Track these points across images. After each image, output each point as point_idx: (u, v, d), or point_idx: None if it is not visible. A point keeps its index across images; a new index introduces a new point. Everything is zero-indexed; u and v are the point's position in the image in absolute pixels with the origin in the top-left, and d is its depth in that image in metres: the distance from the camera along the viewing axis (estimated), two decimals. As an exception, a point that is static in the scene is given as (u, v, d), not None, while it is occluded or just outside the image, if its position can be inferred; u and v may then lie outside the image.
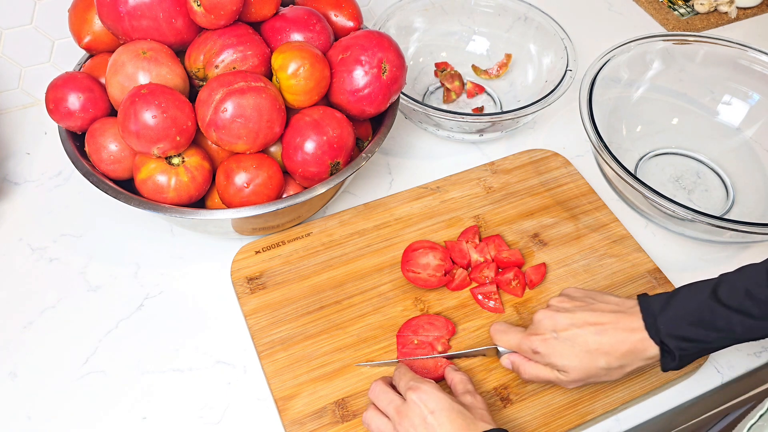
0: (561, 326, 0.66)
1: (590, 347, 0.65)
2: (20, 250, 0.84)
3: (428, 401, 0.62)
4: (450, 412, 0.62)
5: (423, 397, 0.63)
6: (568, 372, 0.66)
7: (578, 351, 0.65)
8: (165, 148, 0.72)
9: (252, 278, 0.80)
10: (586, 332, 0.65)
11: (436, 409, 0.62)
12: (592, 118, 0.86)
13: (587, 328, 0.65)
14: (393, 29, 1.01)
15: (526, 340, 0.68)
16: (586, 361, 0.65)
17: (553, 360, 0.66)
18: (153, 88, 0.71)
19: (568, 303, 0.69)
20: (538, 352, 0.67)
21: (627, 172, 0.81)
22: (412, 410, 0.63)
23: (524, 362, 0.69)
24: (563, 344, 0.66)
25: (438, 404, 0.62)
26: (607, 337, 0.65)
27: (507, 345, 0.70)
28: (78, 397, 0.72)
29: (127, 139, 0.72)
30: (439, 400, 0.63)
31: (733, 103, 0.98)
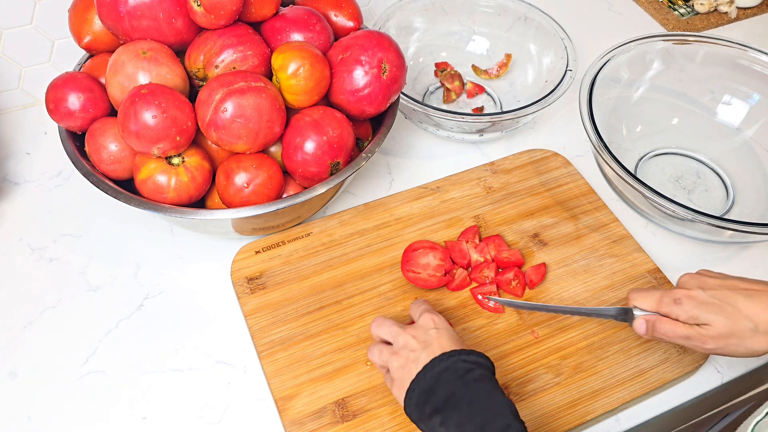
0: (710, 286, 0.65)
1: (739, 307, 0.63)
2: (20, 250, 0.84)
3: (439, 321, 0.67)
4: (452, 334, 0.66)
5: (435, 318, 0.67)
6: (711, 326, 0.63)
7: (725, 307, 0.63)
8: (165, 148, 0.72)
9: (252, 278, 0.80)
10: (736, 294, 0.63)
11: (442, 326, 0.66)
12: (592, 118, 0.86)
13: (738, 291, 0.64)
14: (393, 29, 1.01)
15: (668, 294, 0.66)
16: (733, 318, 0.63)
17: (696, 312, 0.64)
18: (153, 88, 0.71)
19: (717, 274, 0.67)
20: (680, 303, 0.65)
21: (627, 172, 0.81)
22: (421, 323, 0.67)
23: (661, 319, 0.66)
24: (710, 299, 0.64)
25: (444, 325, 0.67)
26: (759, 300, 0.62)
27: (646, 304, 0.68)
28: (78, 397, 0.72)
29: (127, 139, 0.72)
30: (447, 326, 0.67)
31: (733, 103, 0.98)
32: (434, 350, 0.63)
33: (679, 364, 0.75)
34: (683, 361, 0.75)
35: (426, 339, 0.64)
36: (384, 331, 0.69)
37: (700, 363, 0.75)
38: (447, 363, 0.61)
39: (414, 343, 0.65)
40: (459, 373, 0.61)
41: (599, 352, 0.75)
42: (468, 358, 0.62)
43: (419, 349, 0.64)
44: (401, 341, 0.66)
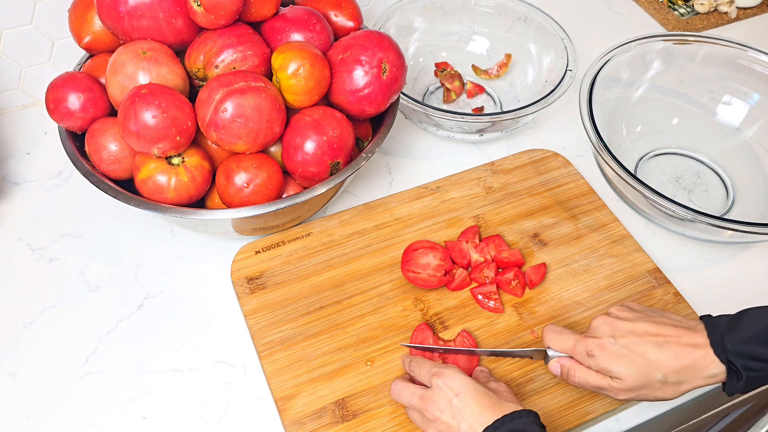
0: (620, 333, 0.65)
1: (649, 358, 0.63)
2: (20, 250, 0.84)
3: (453, 384, 0.62)
4: (476, 393, 0.62)
5: (447, 381, 0.63)
6: (622, 380, 0.64)
7: (636, 359, 0.63)
8: (165, 148, 0.72)
9: (252, 278, 0.80)
10: (646, 342, 0.63)
11: (461, 390, 0.62)
12: (592, 118, 0.86)
13: (648, 339, 0.64)
14: (393, 29, 1.01)
15: (582, 342, 0.66)
16: (643, 370, 0.63)
17: (607, 365, 0.64)
18: (153, 88, 0.71)
19: (629, 313, 0.67)
20: (593, 355, 0.65)
21: (627, 172, 0.81)
22: (438, 394, 0.63)
23: (576, 366, 0.67)
24: (621, 351, 0.64)
25: (463, 386, 0.62)
26: (668, 351, 0.63)
27: (560, 347, 0.68)
28: (78, 397, 0.72)
29: (127, 139, 0.72)
30: (463, 382, 0.62)
31: (733, 103, 0.98)
32: (471, 425, 0.60)
33: (679, 364, 0.74)
34: (683, 361, 0.75)
35: (455, 413, 0.61)
36: (405, 402, 0.66)
37: (700, 363, 0.75)
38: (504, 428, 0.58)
39: (444, 418, 0.61)
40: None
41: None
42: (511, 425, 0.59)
43: (455, 426, 0.61)
44: (430, 417, 0.63)
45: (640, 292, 0.80)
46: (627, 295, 0.80)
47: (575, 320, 0.78)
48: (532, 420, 0.60)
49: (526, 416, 0.60)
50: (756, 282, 0.84)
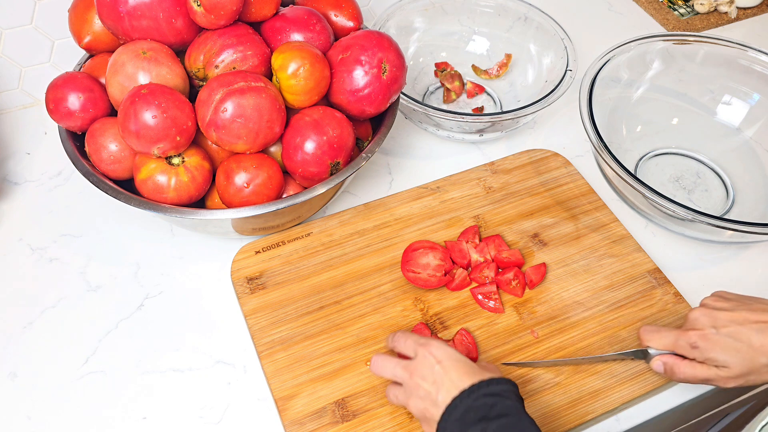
0: (721, 323, 0.65)
1: (753, 343, 0.64)
2: (20, 250, 0.84)
3: (437, 353, 0.64)
4: (457, 361, 0.63)
5: (432, 350, 0.64)
6: (729, 368, 0.64)
7: (740, 347, 0.64)
8: (165, 148, 0.72)
9: (252, 278, 0.80)
10: (749, 330, 0.64)
11: (444, 358, 0.63)
12: (592, 118, 0.86)
13: (749, 325, 0.64)
14: (393, 29, 1.01)
15: (683, 336, 0.67)
16: (748, 357, 0.64)
17: (713, 355, 0.65)
18: (153, 88, 0.71)
19: (725, 302, 0.68)
20: (696, 347, 0.65)
21: (627, 172, 0.81)
22: (421, 362, 0.64)
23: (679, 362, 0.68)
24: (724, 339, 0.65)
25: (445, 354, 0.63)
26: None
27: (660, 345, 0.69)
28: (78, 397, 0.72)
29: (127, 139, 0.72)
30: (447, 351, 0.64)
31: (733, 103, 0.98)
32: (449, 389, 0.61)
33: (679, 364, 0.75)
34: (683, 361, 0.75)
35: (435, 378, 0.62)
36: (388, 374, 0.67)
37: (700, 363, 0.75)
38: (468, 402, 0.59)
39: (426, 385, 0.63)
40: (482, 412, 0.59)
41: (599, 352, 0.75)
42: (488, 389, 0.60)
43: (434, 392, 0.62)
44: (411, 385, 0.64)
45: (640, 292, 0.80)
46: (627, 296, 0.80)
47: (575, 320, 0.78)
48: (509, 388, 0.61)
49: (505, 383, 0.61)
50: (756, 282, 0.84)
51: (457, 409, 0.60)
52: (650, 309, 0.79)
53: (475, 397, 0.60)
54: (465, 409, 0.59)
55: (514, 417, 0.58)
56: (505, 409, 0.59)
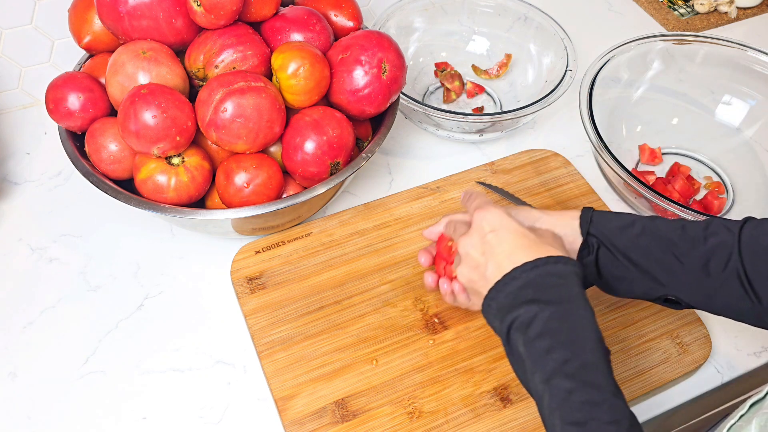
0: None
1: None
2: (20, 250, 0.84)
3: (492, 219, 0.59)
4: (514, 232, 0.58)
5: (487, 216, 0.60)
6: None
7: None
8: (165, 148, 0.72)
9: (252, 278, 0.80)
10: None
11: (499, 227, 0.58)
12: (592, 118, 0.86)
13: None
14: (393, 29, 1.01)
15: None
16: None
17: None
18: (153, 88, 0.71)
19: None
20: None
21: (627, 172, 0.80)
22: (475, 229, 0.60)
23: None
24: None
25: (501, 223, 0.59)
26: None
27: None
28: (78, 397, 0.72)
29: (126, 139, 0.72)
30: (503, 219, 0.59)
31: (733, 103, 0.98)
32: (500, 261, 0.57)
33: (679, 364, 0.75)
34: (683, 361, 0.75)
35: (485, 249, 0.58)
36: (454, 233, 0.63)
37: (700, 363, 0.75)
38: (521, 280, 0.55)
39: (475, 255, 0.58)
40: (537, 293, 0.54)
41: (599, 352, 0.75)
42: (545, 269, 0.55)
43: (483, 263, 0.58)
44: (462, 252, 0.60)
45: (640, 292, 0.80)
46: (627, 295, 0.80)
47: (575, 320, 0.78)
48: (571, 270, 0.56)
49: (566, 263, 0.56)
50: (756, 282, 0.84)
51: (508, 285, 0.55)
52: (650, 309, 0.79)
53: (531, 276, 0.55)
54: (518, 287, 0.55)
55: (569, 304, 0.54)
56: (563, 294, 0.54)
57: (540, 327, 0.53)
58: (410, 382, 0.72)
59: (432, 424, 0.70)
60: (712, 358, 0.77)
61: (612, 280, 0.64)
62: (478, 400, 0.71)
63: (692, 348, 0.76)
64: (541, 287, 0.54)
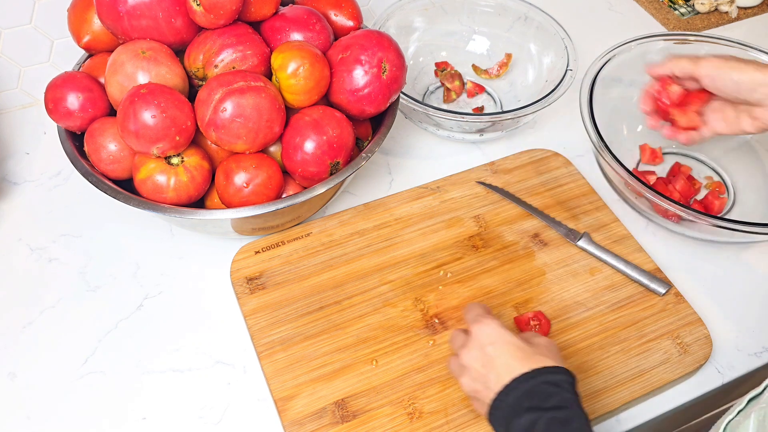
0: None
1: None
2: (19, 250, 0.84)
3: (490, 333, 0.63)
4: (509, 345, 0.62)
5: (485, 330, 0.63)
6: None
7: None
8: (164, 148, 0.72)
9: (252, 278, 0.80)
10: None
11: (497, 340, 0.62)
12: (593, 118, 0.85)
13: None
14: (393, 29, 1.01)
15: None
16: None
17: None
18: (152, 87, 0.71)
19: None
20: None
21: (628, 172, 0.80)
22: (473, 342, 0.63)
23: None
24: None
25: (499, 336, 0.62)
26: None
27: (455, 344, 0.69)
28: (77, 398, 0.72)
29: (126, 138, 0.71)
30: (500, 333, 0.63)
31: (733, 103, 0.97)
32: (500, 373, 0.60)
33: (679, 365, 0.74)
34: (684, 362, 0.75)
35: (486, 361, 0.62)
36: (454, 345, 0.67)
37: (701, 363, 0.75)
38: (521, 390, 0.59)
39: (477, 367, 0.62)
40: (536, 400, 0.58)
41: (600, 352, 0.75)
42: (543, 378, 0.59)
43: (484, 374, 0.62)
44: (465, 363, 0.64)
45: (641, 292, 0.80)
46: (627, 296, 0.80)
47: (576, 320, 0.77)
48: (566, 378, 0.59)
49: (562, 373, 0.59)
50: (756, 282, 0.84)
51: (509, 396, 0.59)
52: (651, 309, 0.79)
53: (529, 386, 0.58)
54: (518, 396, 0.58)
55: (567, 411, 0.57)
56: (560, 401, 0.58)
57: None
58: (410, 382, 0.72)
59: (432, 424, 0.69)
60: (712, 358, 0.77)
61: None
62: (479, 400, 0.71)
63: (693, 348, 0.76)
64: (539, 395, 0.58)
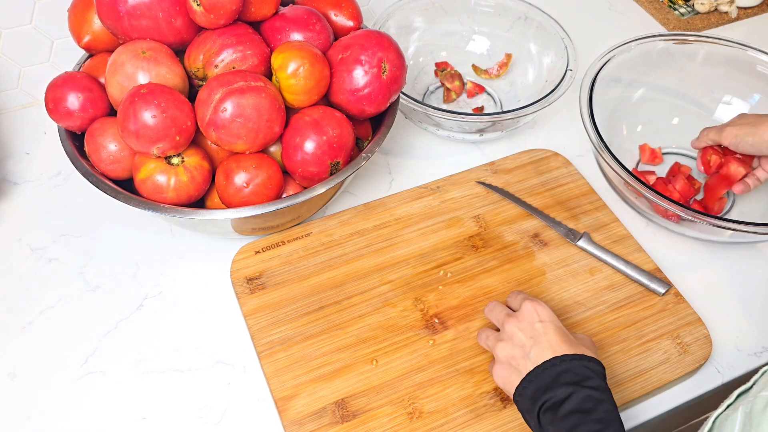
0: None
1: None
2: (19, 250, 0.84)
3: (542, 312, 0.67)
4: (558, 328, 0.66)
5: (538, 308, 0.67)
6: None
7: None
8: (164, 147, 0.72)
9: (252, 278, 0.80)
10: None
11: (548, 319, 0.66)
12: (593, 118, 0.86)
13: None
14: (393, 29, 1.01)
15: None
16: None
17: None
18: (152, 87, 0.71)
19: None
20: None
21: (627, 172, 0.80)
22: (525, 314, 0.67)
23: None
24: None
25: (550, 317, 0.67)
26: None
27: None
28: (77, 398, 0.72)
29: (126, 138, 0.71)
30: (551, 315, 0.67)
31: (733, 103, 0.98)
32: (544, 347, 0.64)
33: (679, 364, 0.74)
34: (684, 361, 0.75)
35: (533, 334, 0.65)
36: (493, 317, 0.71)
37: (701, 363, 0.75)
38: (563, 367, 0.62)
39: (521, 336, 0.66)
40: (577, 378, 0.61)
41: (599, 352, 0.75)
42: (586, 363, 0.63)
43: (528, 345, 0.65)
44: (508, 330, 0.67)
45: (641, 292, 0.80)
46: (627, 296, 0.80)
47: (576, 320, 0.77)
48: (602, 370, 0.63)
49: (599, 365, 0.63)
50: (756, 282, 0.84)
51: (548, 370, 0.62)
52: (650, 309, 0.79)
53: (571, 365, 0.62)
54: (559, 371, 0.62)
55: (602, 394, 0.61)
56: (596, 385, 0.61)
57: (573, 405, 0.60)
58: (410, 382, 0.72)
59: (432, 424, 0.70)
60: (712, 358, 0.77)
61: None
62: (478, 400, 0.71)
63: (693, 348, 0.76)
64: (579, 375, 0.62)
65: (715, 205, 0.89)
